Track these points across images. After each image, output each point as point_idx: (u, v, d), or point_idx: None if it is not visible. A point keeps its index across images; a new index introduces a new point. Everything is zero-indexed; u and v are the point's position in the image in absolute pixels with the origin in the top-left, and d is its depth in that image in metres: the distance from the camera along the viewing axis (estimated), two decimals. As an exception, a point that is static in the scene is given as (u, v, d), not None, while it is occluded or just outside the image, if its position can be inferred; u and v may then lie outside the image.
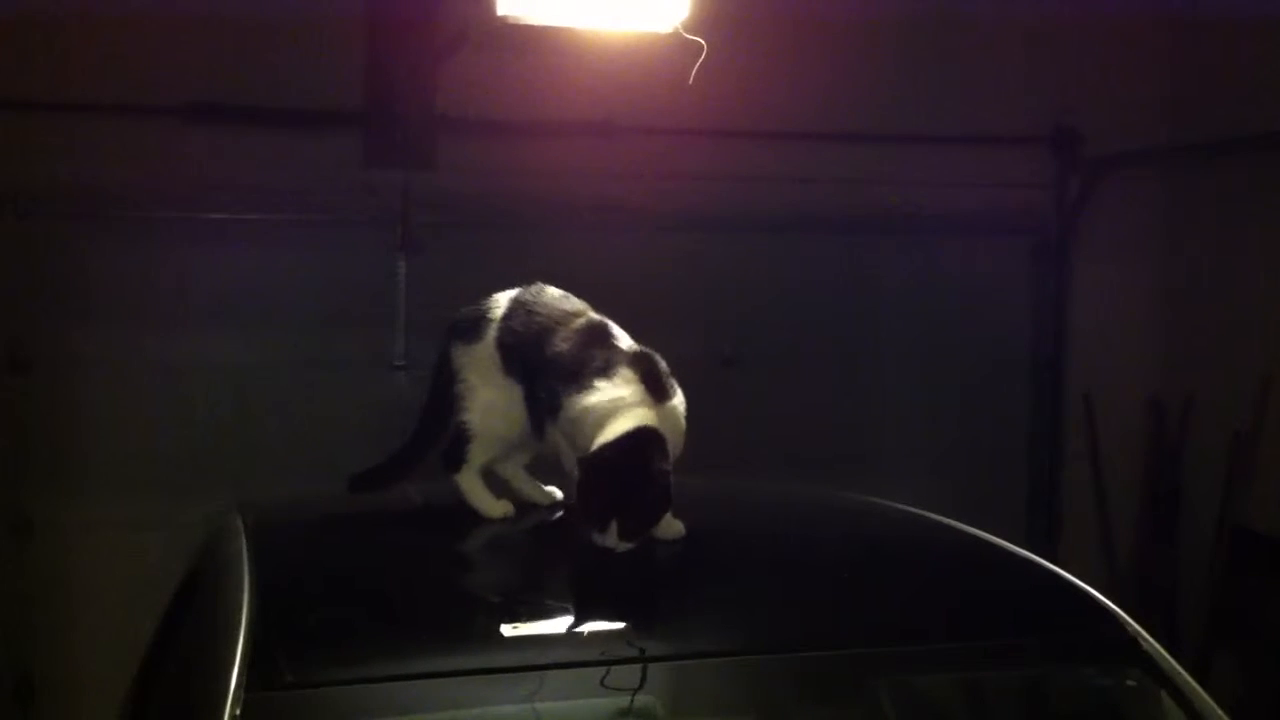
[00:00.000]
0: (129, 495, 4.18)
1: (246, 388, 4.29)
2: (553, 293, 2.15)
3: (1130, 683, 1.90)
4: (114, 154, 4.13)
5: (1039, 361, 5.04)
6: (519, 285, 2.17)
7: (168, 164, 4.19)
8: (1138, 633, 1.93)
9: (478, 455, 2.14)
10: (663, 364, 2.02)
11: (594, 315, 2.10)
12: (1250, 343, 4.62)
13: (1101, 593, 2.00)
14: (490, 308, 2.14)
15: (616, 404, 1.95)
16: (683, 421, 2.01)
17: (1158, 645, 1.91)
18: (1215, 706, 1.86)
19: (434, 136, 4.28)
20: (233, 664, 1.71)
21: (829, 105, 4.63)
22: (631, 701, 1.73)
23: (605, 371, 1.97)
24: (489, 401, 2.12)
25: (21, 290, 4.16)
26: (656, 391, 1.98)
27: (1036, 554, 2.13)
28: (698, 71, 2.91)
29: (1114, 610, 1.96)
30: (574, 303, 2.13)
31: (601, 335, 2.05)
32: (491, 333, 2.12)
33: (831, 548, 2.14)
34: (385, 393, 4.26)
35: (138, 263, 4.20)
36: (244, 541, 2.07)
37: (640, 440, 1.92)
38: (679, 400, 2.01)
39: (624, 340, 2.05)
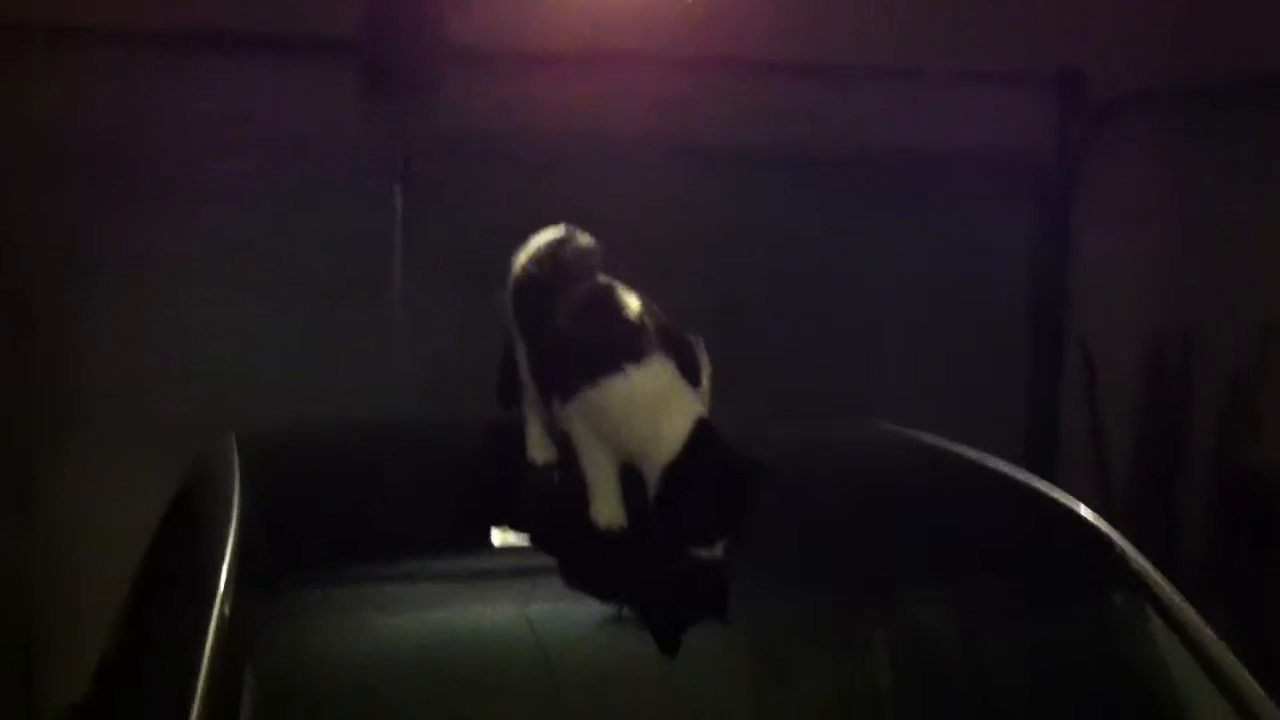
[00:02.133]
0: (127, 445, 4.17)
1: (246, 326, 4.27)
2: (575, 245, 1.94)
3: (1118, 599, 1.91)
4: (107, 88, 4.10)
5: (1038, 304, 5.03)
6: (549, 225, 1.98)
7: (163, 96, 4.16)
8: (1125, 550, 1.94)
9: (529, 411, 1.97)
10: (695, 344, 1.82)
11: (600, 279, 1.87)
12: (1251, 286, 4.60)
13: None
14: (520, 253, 1.95)
15: (656, 395, 1.72)
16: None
17: (1146, 562, 1.93)
18: (1201, 623, 1.88)
19: (435, 67, 4.25)
20: (222, 565, 1.73)
21: (833, 39, 4.59)
22: (621, 608, 1.74)
23: (635, 355, 1.73)
24: (519, 358, 1.95)
25: (20, 242, 4.15)
26: (691, 376, 1.77)
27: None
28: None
29: (1103, 528, 1.98)
30: (590, 258, 1.92)
31: (610, 305, 1.81)
32: (511, 282, 1.94)
33: (823, 467, 2.14)
34: (384, 329, 4.25)
35: (134, 205, 4.17)
36: (236, 453, 2.08)
37: (708, 438, 1.71)
38: (707, 383, 1.81)
39: (634, 306, 1.81)
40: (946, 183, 4.79)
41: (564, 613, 1.77)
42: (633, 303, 1.81)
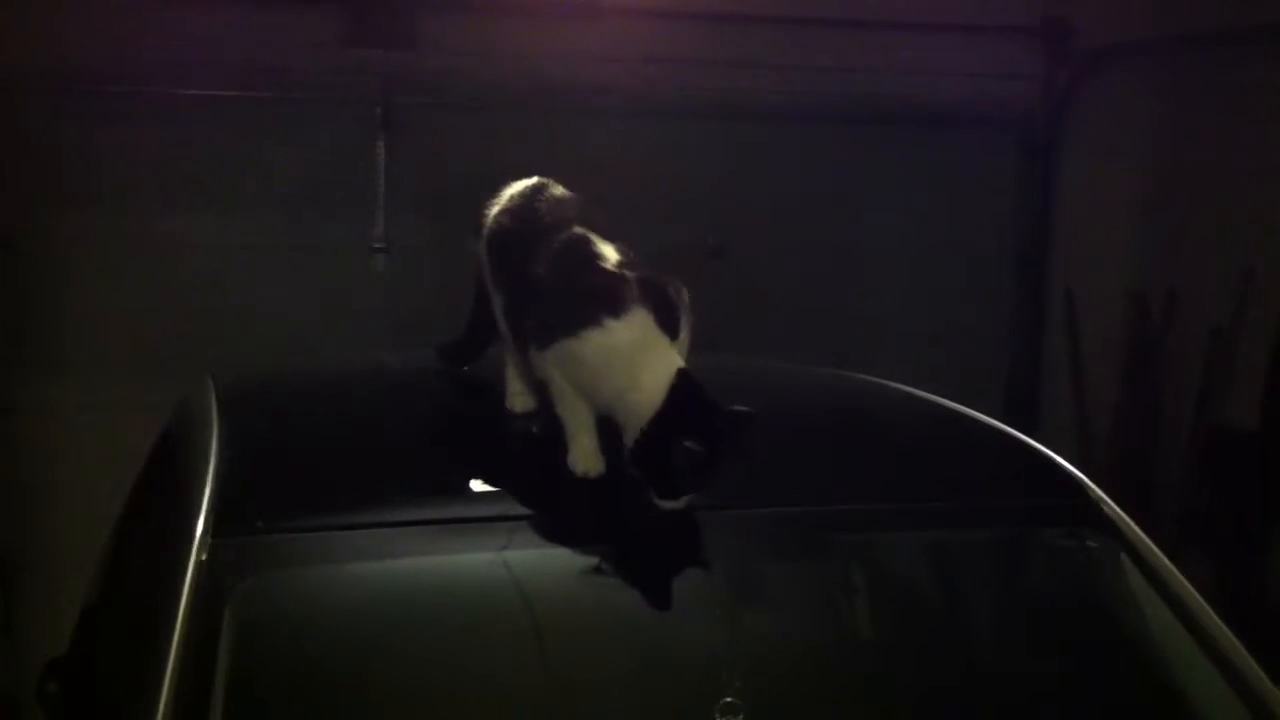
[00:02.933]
0: (109, 377, 4.19)
1: (226, 268, 4.28)
2: (552, 196, 1.92)
3: (1091, 544, 1.92)
4: (93, 30, 4.07)
5: (1022, 255, 5.04)
6: (526, 176, 1.97)
7: (147, 40, 4.13)
8: (1100, 497, 1.95)
9: (509, 359, 1.97)
10: (675, 295, 1.79)
11: (576, 230, 1.83)
12: (1234, 238, 4.61)
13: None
14: (493, 204, 1.94)
15: (635, 346, 1.72)
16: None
17: (1119, 510, 1.94)
18: (1172, 567, 1.89)
19: (415, 15, 4.23)
20: (199, 511, 1.73)
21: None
22: (601, 555, 1.75)
23: (614, 307, 1.73)
24: (496, 306, 1.94)
25: (3, 170, 4.12)
26: (670, 328, 1.76)
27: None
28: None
29: (1077, 475, 1.99)
30: (567, 209, 1.89)
31: (587, 255, 1.80)
32: (485, 232, 1.93)
33: (802, 413, 2.15)
34: (365, 274, 4.25)
35: (118, 142, 4.17)
36: (214, 399, 2.07)
37: (690, 389, 1.71)
38: (686, 334, 1.80)
39: (611, 256, 1.80)
40: (932, 134, 4.78)
41: (543, 558, 1.78)
42: (610, 253, 1.81)
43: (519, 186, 1.94)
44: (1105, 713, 1.79)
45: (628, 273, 1.78)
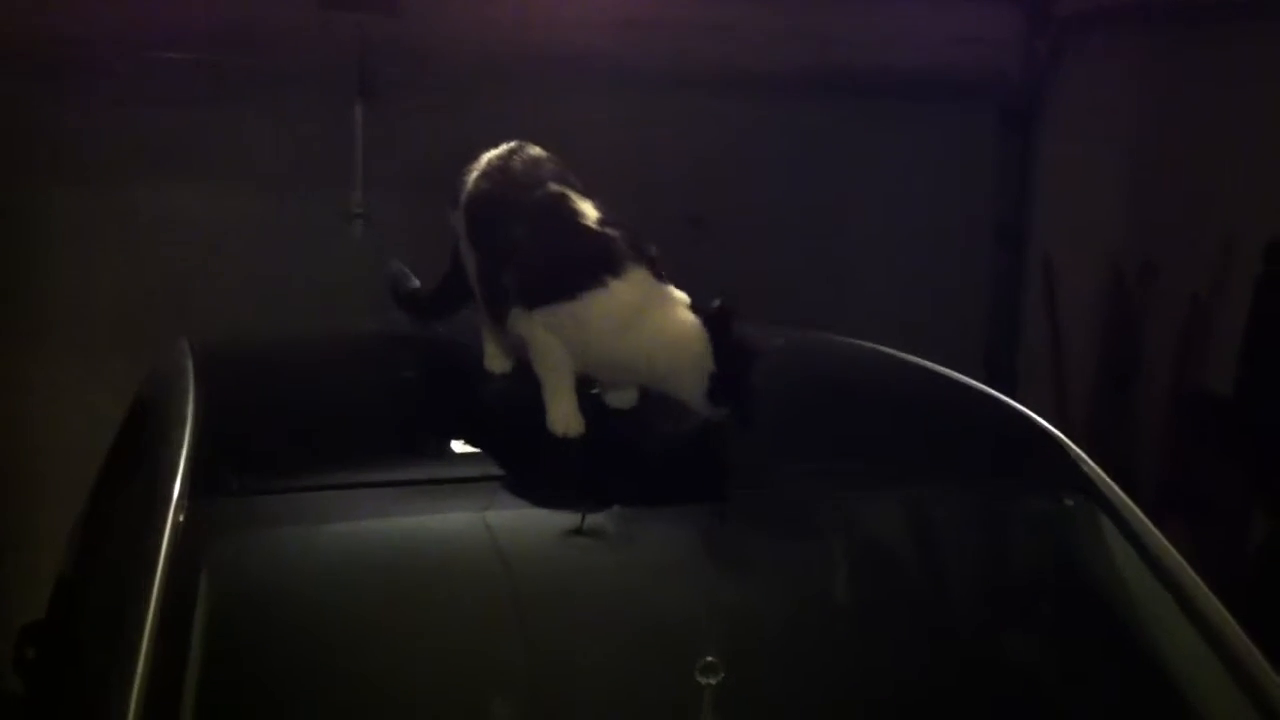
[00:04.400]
0: (84, 349, 4.15)
1: (202, 236, 4.23)
2: (528, 157, 1.91)
3: (1070, 503, 1.93)
4: (61, 6, 4.03)
5: (1002, 223, 5.04)
6: (504, 142, 1.95)
7: (117, 7, 4.09)
8: (1079, 456, 1.96)
9: (483, 321, 1.97)
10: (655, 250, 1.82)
11: (553, 188, 1.85)
12: (1214, 208, 4.61)
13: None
14: (470, 169, 1.93)
15: (644, 302, 1.77)
16: None
17: (1098, 469, 1.94)
18: (1151, 525, 1.90)
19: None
20: (175, 473, 1.72)
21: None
22: (580, 516, 1.75)
23: (614, 267, 1.76)
24: (471, 270, 1.93)
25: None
26: (662, 278, 1.81)
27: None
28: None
29: (1056, 435, 2.00)
30: (543, 168, 1.89)
31: (568, 213, 1.83)
32: (463, 197, 1.92)
33: (776, 374, 2.14)
34: (343, 243, 4.23)
35: (87, 112, 4.11)
36: (190, 363, 2.06)
37: (724, 323, 1.79)
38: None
39: (591, 214, 1.83)
40: (911, 102, 4.76)
41: (523, 519, 1.77)
42: (590, 210, 1.83)
43: (496, 150, 1.94)
44: (1085, 672, 1.80)
45: (612, 230, 1.80)
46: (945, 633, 1.80)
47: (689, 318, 1.80)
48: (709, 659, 1.65)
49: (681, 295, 1.82)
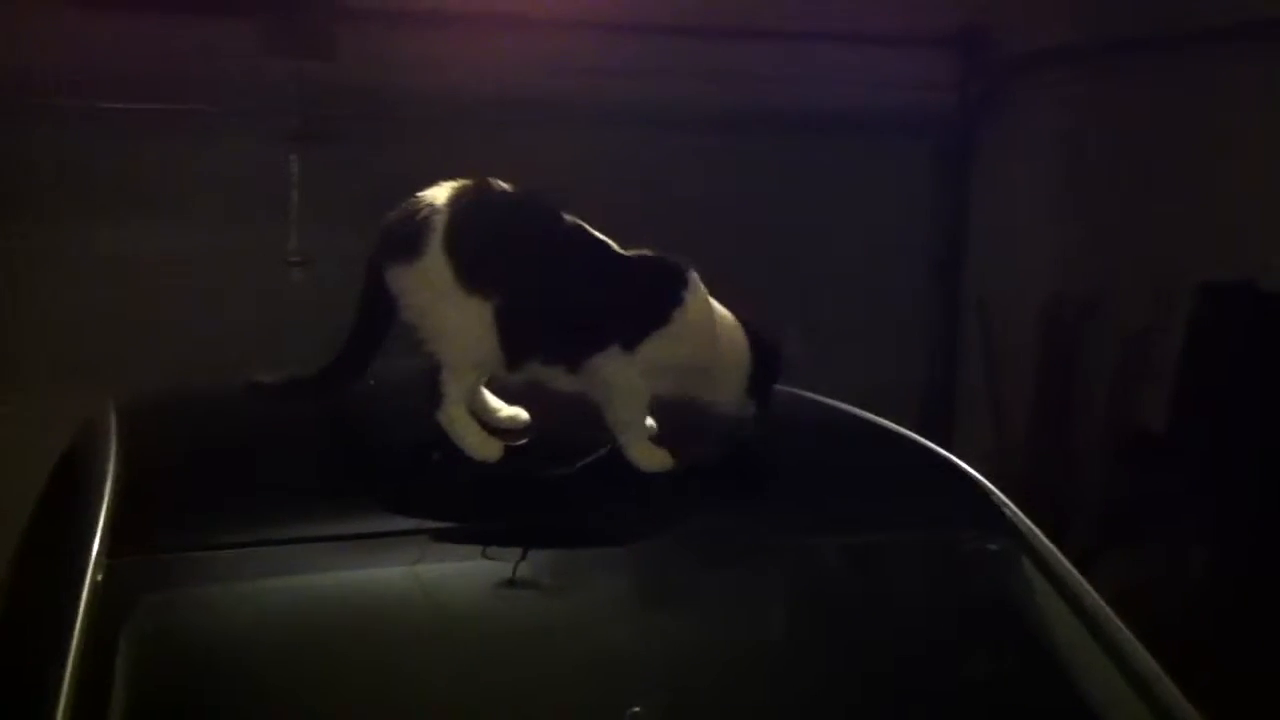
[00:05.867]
0: (14, 388, 4.10)
1: (136, 281, 4.21)
2: (503, 189, 1.83)
3: (993, 547, 1.95)
4: (5, 44, 4.00)
5: (938, 264, 5.09)
6: (456, 179, 1.84)
7: (56, 50, 4.07)
8: (1001, 500, 1.97)
9: (453, 387, 1.83)
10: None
11: (567, 216, 1.84)
12: (1146, 246, 4.68)
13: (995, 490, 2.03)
14: (427, 211, 1.78)
15: (706, 310, 1.91)
16: None
17: (1020, 513, 1.96)
18: (1073, 569, 1.92)
19: (333, 25, 4.20)
20: (95, 532, 1.71)
21: (739, 2, 4.59)
22: (511, 568, 1.74)
23: (683, 281, 1.88)
24: (451, 325, 1.80)
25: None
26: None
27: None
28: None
29: (979, 479, 2.01)
30: (533, 199, 1.84)
31: (600, 243, 1.86)
32: (436, 241, 1.77)
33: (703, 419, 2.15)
34: (279, 289, 4.21)
35: (23, 152, 4.09)
36: (113, 420, 2.05)
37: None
38: None
39: (608, 239, 1.86)
40: (851, 142, 4.81)
41: (455, 573, 1.76)
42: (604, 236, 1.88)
43: (453, 187, 1.81)
44: (1007, 713, 1.81)
45: (647, 250, 1.89)
46: (870, 677, 1.81)
47: (733, 318, 1.95)
48: (635, 709, 1.64)
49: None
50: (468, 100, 4.31)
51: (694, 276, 1.89)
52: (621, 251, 1.86)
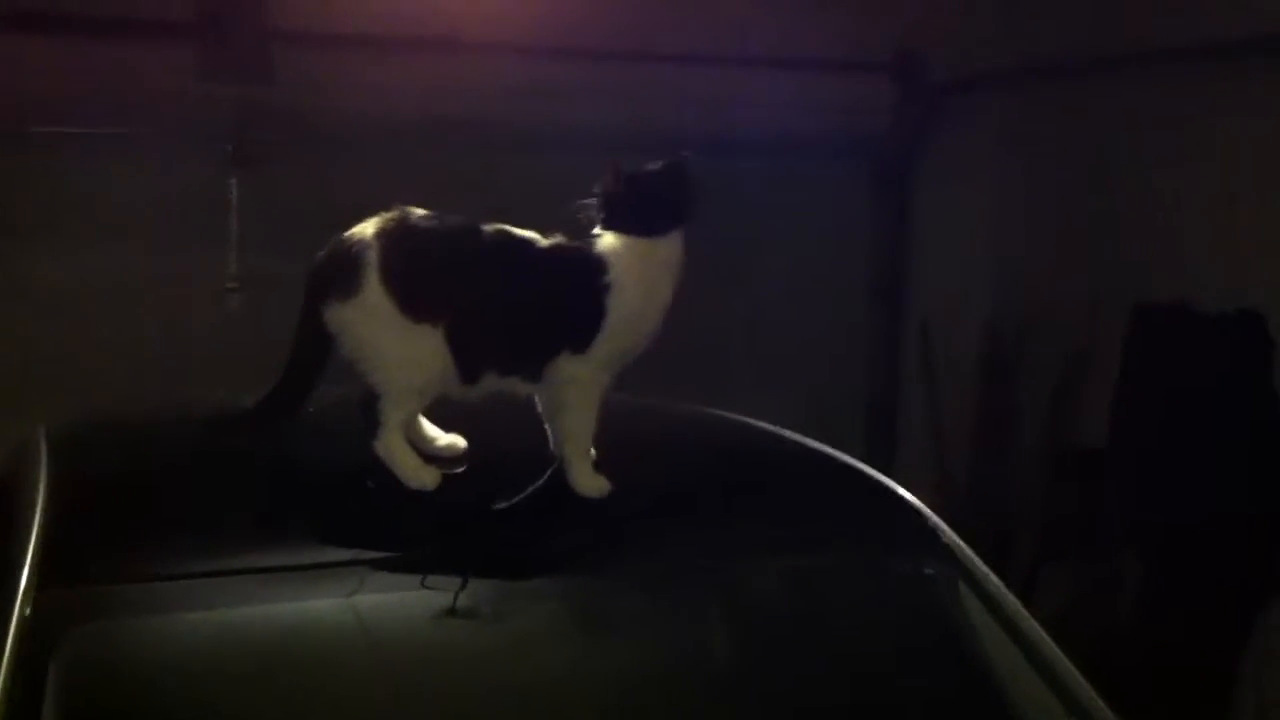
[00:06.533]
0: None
1: (68, 307, 4.15)
2: (418, 214, 1.86)
3: (929, 571, 1.96)
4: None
5: (878, 286, 5.12)
6: (374, 214, 1.86)
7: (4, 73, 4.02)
8: (938, 525, 1.99)
9: (393, 415, 1.85)
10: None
11: (486, 225, 1.89)
12: (1082, 267, 4.74)
13: (937, 511, 2.04)
14: (357, 247, 1.81)
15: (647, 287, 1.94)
16: None
17: (957, 537, 1.98)
18: (1008, 593, 1.94)
19: (270, 49, 4.18)
20: (24, 562, 1.68)
21: (672, 26, 4.61)
22: (447, 598, 1.73)
23: (604, 291, 1.89)
24: (396, 355, 1.83)
25: None
26: None
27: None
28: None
29: (914, 503, 2.03)
30: (447, 219, 1.87)
31: (527, 238, 1.91)
32: (372, 277, 1.80)
33: (644, 447, 2.16)
34: (217, 315, 4.18)
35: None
36: (44, 450, 2.02)
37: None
38: None
39: (529, 231, 1.92)
40: (789, 168, 4.83)
41: (394, 604, 1.75)
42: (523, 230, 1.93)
43: (375, 223, 1.84)
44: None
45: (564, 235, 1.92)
46: (805, 705, 1.81)
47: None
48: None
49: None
50: (402, 122, 4.30)
51: (614, 253, 1.90)
52: (545, 244, 1.91)
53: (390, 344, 1.83)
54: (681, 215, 1.98)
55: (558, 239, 1.92)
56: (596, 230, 1.94)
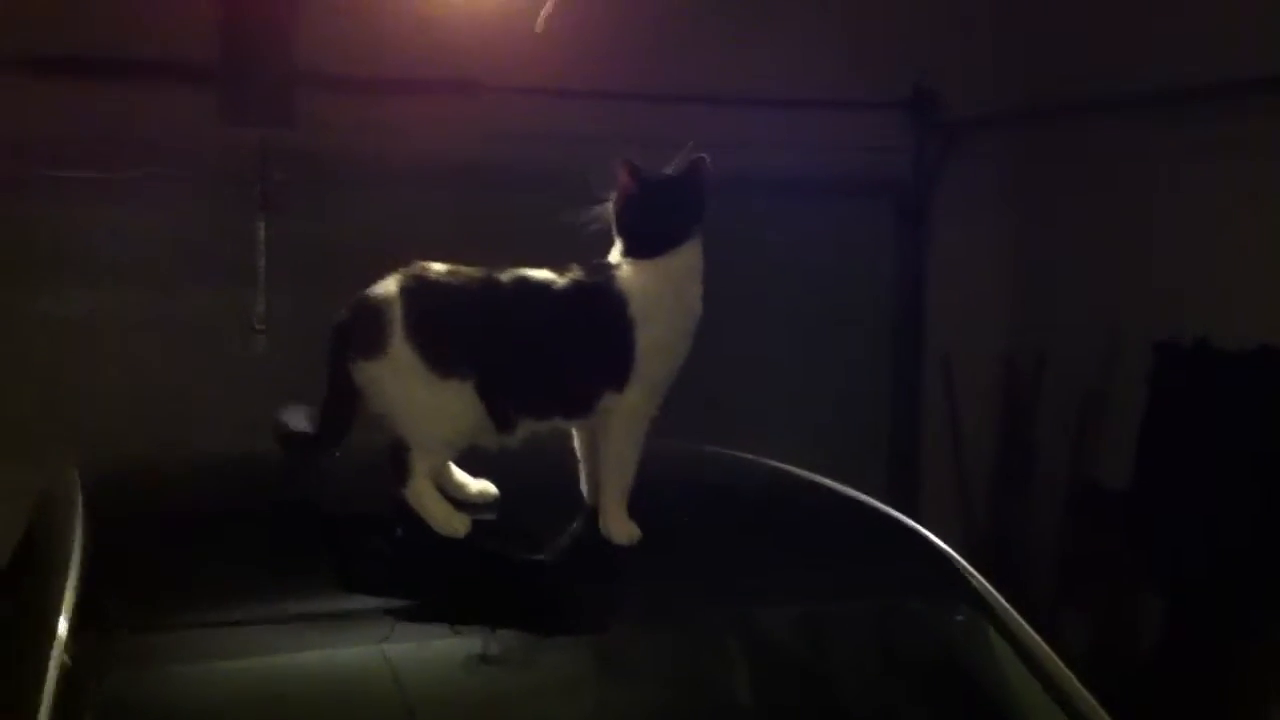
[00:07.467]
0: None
1: (101, 351, 4.18)
2: (436, 269, 1.87)
3: (959, 618, 1.96)
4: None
5: (898, 323, 5.13)
6: (393, 254, 1.89)
7: (16, 119, 4.06)
8: (968, 571, 1.99)
9: (422, 465, 1.86)
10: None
11: (502, 273, 1.89)
12: (1100, 301, 4.75)
13: (957, 546, 2.04)
14: (381, 306, 1.83)
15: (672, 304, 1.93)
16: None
17: (986, 583, 1.98)
18: (1038, 639, 1.94)
19: (292, 93, 4.21)
20: (61, 610, 1.69)
21: (695, 68, 4.64)
22: (480, 645, 1.74)
23: (629, 328, 1.88)
24: (425, 409, 1.85)
25: None
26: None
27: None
28: (551, 28, 2.87)
29: (945, 549, 2.03)
30: (476, 270, 1.89)
31: (547, 279, 1.89)
32: (396, 334, 1.82)
33: (677, 492, 2.16)
34: (246, 355, 4.20)
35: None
36: (79, 494, 2.03)
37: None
38: None
39: (545, 272, 1.91)
40: (811, 206, 4.84)
41: (424, 651, 1.76)
42: (539, 271, 1.91)
43: (401, 278, 1.86)
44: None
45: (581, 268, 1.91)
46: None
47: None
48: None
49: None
50: (422, 164, 4.33)
51: (635, 284, 1.89)
52: (564, 284, 1.89)
53: (419, 399, 1.84)
54: (700, 218, 1.97)
55: (575, 274, 1.90)
56: (614, 257, 1.93)
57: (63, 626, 1.67)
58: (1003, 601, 1.96)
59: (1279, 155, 4.03)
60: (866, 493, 2.25)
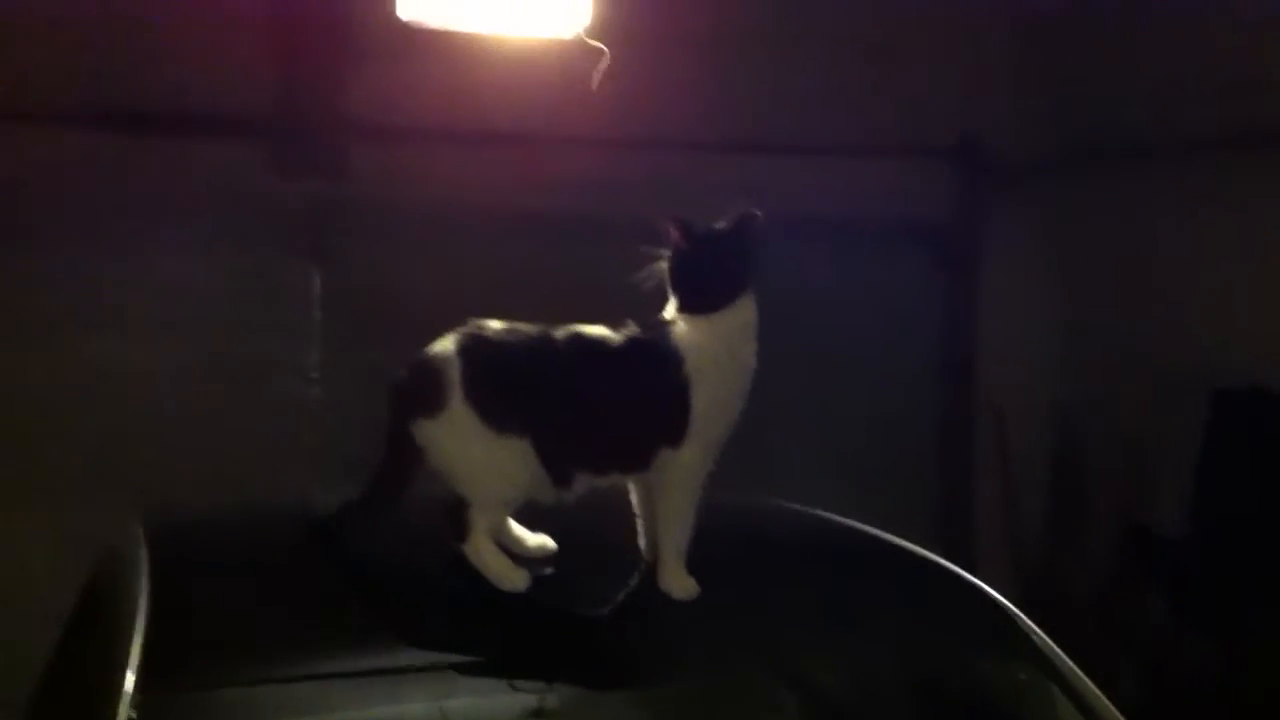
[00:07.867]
0: (27, 508, 4.09)
1: (156, 403, 4.21)
2: (491, 328, 1.90)
3: (1022, 676, 1.94)
4: (12, 163, 4.06)
5: (947, 372, 5.10)
6: (456, 330, 1.91)
7: (69, 173, 4.12)
8: (1030, 628, 1.97)
9: (481, 521, 1.89)
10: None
11: (558, 330, 1.92)
12: (1149, 348, 4.71)
13: (1012, 598, 2.03)
14: (440, 365, 1.87)
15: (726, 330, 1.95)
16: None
17: (1049, 641, 1.96)
18: (1103, 698, 1.91)
19: (344, 145, 4.27)
20: (127, 666, 1.70)
21: (740, 116, 4.67)
22: (539, 703, 1.73)
23: (685, 387, 1.90)
24: (483, 467, 1.88)
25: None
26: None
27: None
28: (603, 79, 2.90)
29: (1007, 606, 2.01)
30: (532, 327, 1.92)
31: (598, 336, 1.92)
32: (455, 394, 1.85)
33: (727, 545, 2.15)
34: (300, 407, 4.23)
35: (38, 273, 4.11)
36: (143, 548, 2.05)
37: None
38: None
39: (598, 329, 1.94)
40: (860, 253, 4.84)
41: (482, 709, 1.76)
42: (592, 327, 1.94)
43: (458, 338, 1.88)
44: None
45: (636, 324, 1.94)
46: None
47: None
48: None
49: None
50: (475, 215, 4.36)
51: (690, 341, 1.91)
52: (619, 341, 1.92)
53: (477, 457, 1.87)
54: (753, 275, 1.99)
55: (630, 330, 1.94)
56: (669, 314, 1.95)
57: (129, 682, 1.68)
58: (1065, 659, 1.94)
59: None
60: (915, 544, 2.24)
